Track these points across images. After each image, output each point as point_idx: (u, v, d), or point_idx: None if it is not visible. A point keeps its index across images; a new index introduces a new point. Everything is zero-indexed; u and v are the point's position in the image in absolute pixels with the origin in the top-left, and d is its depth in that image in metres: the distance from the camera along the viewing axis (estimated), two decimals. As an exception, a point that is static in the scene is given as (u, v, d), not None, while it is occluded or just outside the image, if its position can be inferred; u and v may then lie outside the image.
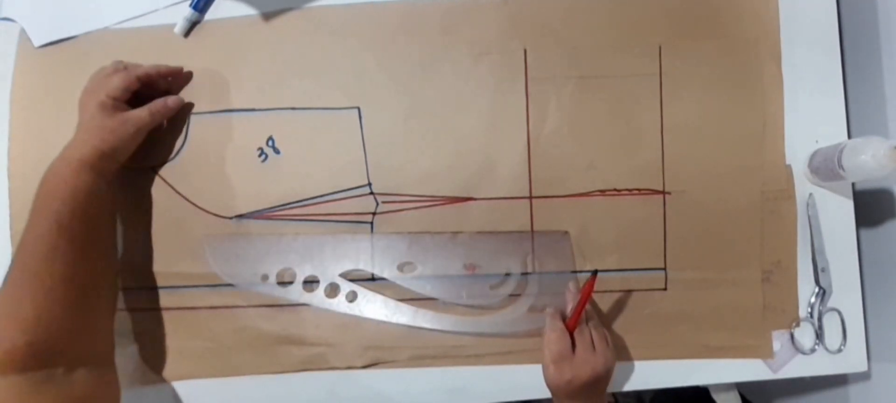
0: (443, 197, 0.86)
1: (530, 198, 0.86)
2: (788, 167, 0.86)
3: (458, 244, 0.87)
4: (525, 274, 0.86)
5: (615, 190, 0.86)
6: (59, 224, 0.72)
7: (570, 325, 0.79)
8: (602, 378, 0.77)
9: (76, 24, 0.90)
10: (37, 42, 0.90)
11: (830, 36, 0.87)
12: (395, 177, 0.87)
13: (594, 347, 0.78)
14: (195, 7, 0.88)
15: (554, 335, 0.77)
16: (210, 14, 0.90)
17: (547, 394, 0.82)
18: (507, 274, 0.86)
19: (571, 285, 0.84)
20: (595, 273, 0.78)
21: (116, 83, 0.79)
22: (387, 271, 0.87)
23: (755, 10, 0.87)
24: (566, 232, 0.86)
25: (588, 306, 0.81)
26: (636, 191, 0.86)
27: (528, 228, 0.86)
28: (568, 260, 0.86)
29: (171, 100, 0.85)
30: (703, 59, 0.87)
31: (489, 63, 0.87)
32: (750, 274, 0.86)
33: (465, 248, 0.87)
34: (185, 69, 0.89)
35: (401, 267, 0.87)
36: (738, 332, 0.86)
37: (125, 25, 0.90)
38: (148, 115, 0.82)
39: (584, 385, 0.75)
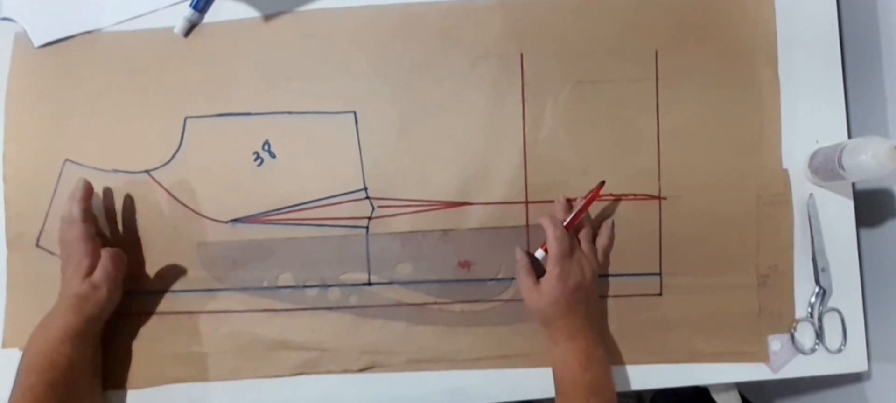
0: (439, 201, 0.86)
1: (526, 202, 0.86)
2: (785, 172, 0.86)
3: (450, 241, 0.87)
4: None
5: (611, 195, 0.86)
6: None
7: (571, 225, 0.80)
8: (592, 284, 0.79)
9: (76, 24, 0.90)
10: (37, 42, 0.90)
11: (831, 36, 0.87)
12: (391, 181, 0.87)
13: (584, 253, 0.81)
14: (195, 7, 0.88)
15: (558, 231, 0.78)
16: (210, 16, 0.90)
17: (545, 394, 0.81)
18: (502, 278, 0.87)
19: (561, 197, 0.85)
20: (602, 183, 0.80)
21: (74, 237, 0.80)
22: (382, 273, 0.87)
23: (752, 16, 0.87)
24: None
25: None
26: (632, 196, 0.86)
27: (525, 232, 0.86)
28: None
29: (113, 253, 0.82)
30: (700, 64, 0.86)
31: (486, 67, 0.87)
32: (745, 279, 0.86)
33: (457, 245, 0.87)
34: (183, 71, 0.89)
35: (395, 268, 0.87)
36: (733, 338, 0.85)
37: (124, 27, 0.90)
38: (112, 267, 0.81)
39: (578, 287, 0.77)
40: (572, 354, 0.77)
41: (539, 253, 0.81)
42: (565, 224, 0.79)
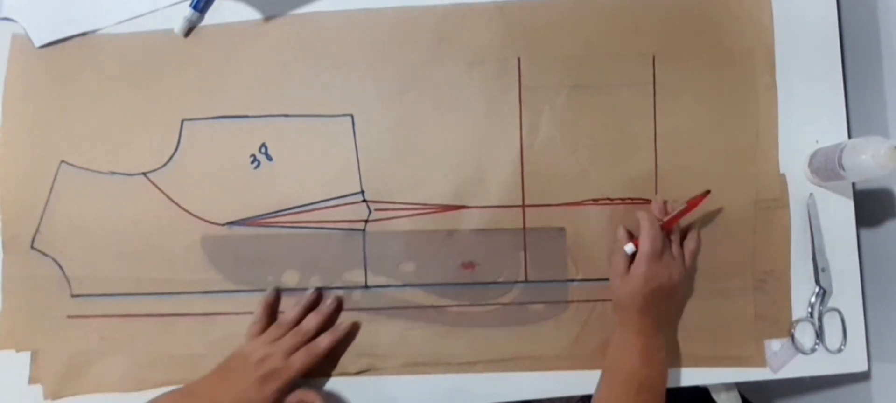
0: (435, 205, 0.86)
1: (523, 206, 0.86)
2: (782, 176, 0.86)
3: (454, 242, 0.86)
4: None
5: (608, 199, 0.86)
6: None
7: (667, 225, 0.79)
8: (675, 290, 0.79)
9: (77, 24, 0.90)
10: (38, 42, 0.90)
11: (831, 36, 0.87)
12: (388, 184, 0.86)
13: (673, 256, 0.80)
14: (195, 7, 0.88)
15: (654, 231, 0.77)
16: (209, 18, 0.89)
17: (544, 395, 0.81)
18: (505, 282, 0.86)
19: (659, 199, 0.83)
20: (707, 192, 0.80)
21: (295, 372, 0.79)
22: (379, 276, 0.86)
23: (750, 20, 0.87)
24: (561, 229, 0.86)
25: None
26: (629, 201, 0.85)
27: (521, 236, 0.86)
28: (561, 257, 0.86)
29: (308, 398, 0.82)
30: (697, 68, 0.86)
31: (483, 71, 0.87)
32: (742, 283, 0.86)
33: (461, 246, 0.86)
34: (181, 73, 0.88)
35: (398, 267, 0.86)
36: (729, 342, 0.85)
37: (124, 27, 0.89)
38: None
39: (659, 288, 0.76)
40: (636, 347, 0.77)
41: (629, 247, 0.79)
42: (662, 224, 0.79)
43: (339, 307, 0.86)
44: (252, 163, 0.87)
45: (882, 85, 0.87)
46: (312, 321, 0.82)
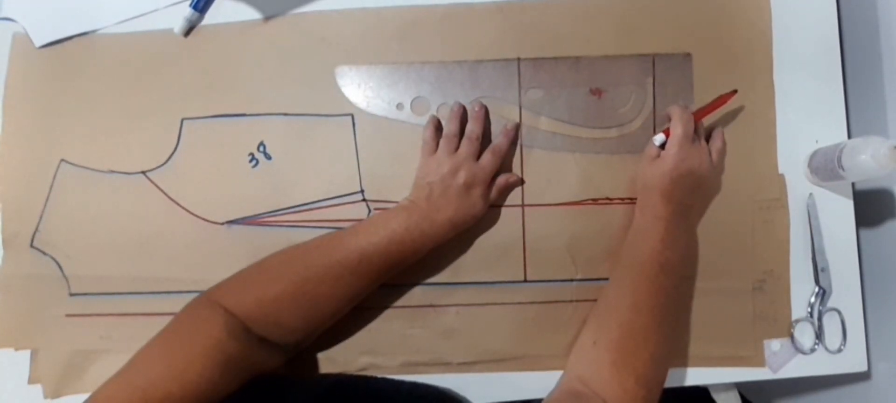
0: (435, 204, 0.85)
1: (522, 206, 0.86)
2: (781, 176, 0.86)
3: (583, 69, 0.87)
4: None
5: (607, 198, 0.86)
6: (360, 256, 0.75)
7: (697, 117, 0.81)
8: (704, 180, 0.80)
9: (77, 24, 0.90)
10: (38, 42, 0.90)
11: (830, 36, 0.87)
12: (388, 184, 0.86)
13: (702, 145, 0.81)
14: (195, 7, 0.88)
15: (686, 115, 0.79)
16: (209, 17, 0.89)
17: (544, 394, 0.81)
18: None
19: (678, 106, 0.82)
20: (734, 90, 0.82)
21: (490, 170, 0.81)
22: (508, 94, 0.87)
23: (749, 21, 0.87)
24: (688, 54, 0.87)
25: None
26: (629, 200, 0.85)
27: (520, 236, 0.86)
28: (688, 82, 0.87)
29: (513, 179, 0.85)
30: (696, 70, 0.86)
31: (483, 71, 0.87)
32: (741, 283, 0.85)
33: (589, 73, 0.87)
34: (181, 72, 0.88)
35: (525, 92, 0.87)
36: (728, 343, 0.85)
37: (124, 27, 0.90)
38: (497, 196, 0.84)
39: (690, 172, 0.78)
40: (657, 231, 0.77)
41: (659, 138, 0.81)
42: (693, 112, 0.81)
43: (486, 110, 0.86)
44: (250, 162, 0.87)
45: (882, 85, 0.87)
46: (475, 127, 0.83)
